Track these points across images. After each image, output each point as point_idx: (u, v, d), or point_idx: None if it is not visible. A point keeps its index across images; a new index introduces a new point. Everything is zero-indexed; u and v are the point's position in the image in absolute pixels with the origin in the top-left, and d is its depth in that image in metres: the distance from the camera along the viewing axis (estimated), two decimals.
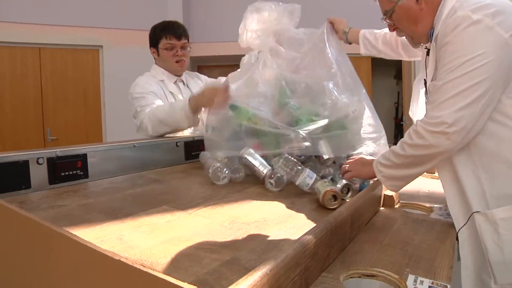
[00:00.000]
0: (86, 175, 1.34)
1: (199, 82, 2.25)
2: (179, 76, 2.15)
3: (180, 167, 1.74)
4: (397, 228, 1.13)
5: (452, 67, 1.01)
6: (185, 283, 0.50)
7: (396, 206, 1.38)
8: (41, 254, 0.67)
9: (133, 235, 0.90)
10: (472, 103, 0.99)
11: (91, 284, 0.59)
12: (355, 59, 2.02)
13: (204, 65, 6.45)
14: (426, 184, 1.70)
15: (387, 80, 7.44)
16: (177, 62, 2.08)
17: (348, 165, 1.33)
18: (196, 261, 0.78)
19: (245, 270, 0.71)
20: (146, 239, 0.88)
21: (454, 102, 1.00)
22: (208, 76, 2.40)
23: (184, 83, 2.17)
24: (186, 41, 2.09)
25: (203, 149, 1.83)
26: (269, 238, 0.92)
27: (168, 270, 0.73)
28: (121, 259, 0.55)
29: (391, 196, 1.35)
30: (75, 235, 0.62)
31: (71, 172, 1.29)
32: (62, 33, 4.91)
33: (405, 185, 1.21)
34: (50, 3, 4.84)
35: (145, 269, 0.53)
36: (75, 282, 0.61)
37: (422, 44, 1.28)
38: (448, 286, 0.79)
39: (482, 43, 0.99)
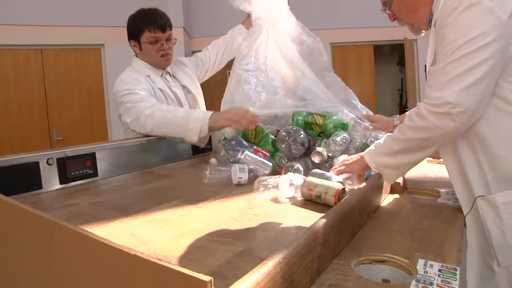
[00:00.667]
0: (95, 174, 1.36)
1: (185, 69, 2.07)
2: (165, 68, 1.96)
3: (188, 162, 1.76)
4: (405, 214, 1.14)
5: (452, 48, 1.00)
6: (201, 274, 0.51)
7: (404, 193, 1.38)
8: (57, 253, 0.69)
9: (146, 231, 0.92)
10: (475, 83, 0.98)
11: (108, 280, 0.61)
12: (358, 47, 2.05)
13: None
14: (433, 169, 1.70)
15: (390, 67, 7.41)
16: (162, 56, 1.87)
17: (336, 167, 1.29)
18: (209, 253, 0.79)
19: (258, 260, 0.72)
20: (159, 234, 0.90)
21: (457, 83, 0.99)
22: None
23: (170, 75, 1.98)
24: (171, 32, 1.89)
25: (210, 143, 1.85)
26: (279, 228, 0.93)
27: (182, 263, 0.74)
28: (137, 254, 0.57)
29: (398, 182, 1.35)
30: (90, 232, 0.63)
31: (81, 172, 1.31)
32: (63, 34, 4.91)
33: (402, 175, 1.17)
34: (50, 4, 4.83)
35: (161, 263, 0.54)
36: (92, 279, 0.62)
37: (423, 31, 1.28)
38: (458, 268, 0.80)
39: (482, 23, 0.98)
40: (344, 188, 1.08)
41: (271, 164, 1.42)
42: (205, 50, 2.17)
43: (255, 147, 1.53)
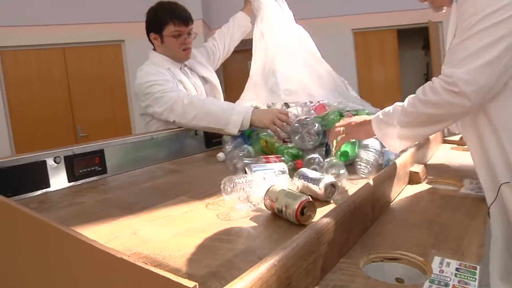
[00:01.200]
0: (104, 171, 1.34)
1: (199, 60, 2.06)
2: (183, 62, 1.96)
3: (200, 155, 1.73)
4: (423, 206, 1.07)
5: (471, 23, 0.95)
6: (185, 279, 0.48)
7: (424, 183, 1.31)
8: (50, 255, 0.67)
9: (148, 229, 0.89)
10: (493, 60, 0.92)
11: (97, 283, 0.59)
12: (380, 32, 1.98)
13: None
14: (456, 156, 1.61)
15: (414, 51, 7.19)
16: (184, 50, 1.87)
17: (341, 128, 1.20)
18: (210, 252, 0.75)
19: (259, 260, 0.68)
20: (160, 232, 0.87)
21: (474, 59, 0.93)
22: (229, 61, 2.27)
23: (188, 67, 1.98)
24: (192, 26, 1.89)
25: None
26: (286, 225, 0.89)
27: (181, 263, 0.71)
28: (123, 257, 0.54)
29: (418, 172, 1.28)
30: (80, 234, 0.61)
31: (89, 169, 1.29)
32: (83, 31, 4.98)
33: (408, 146, 1.12)
34: (69, 2, 4.90)
35: (147, 267, 0.51)
36: (82, 282, 0.61)
37: (444, 7, 1.21)
38: (478, 267, 0.73)
39: None
40: (308, 201, 0.82)
41: (283, 167, 1.30)
42: (212, 39, 2.18)
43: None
